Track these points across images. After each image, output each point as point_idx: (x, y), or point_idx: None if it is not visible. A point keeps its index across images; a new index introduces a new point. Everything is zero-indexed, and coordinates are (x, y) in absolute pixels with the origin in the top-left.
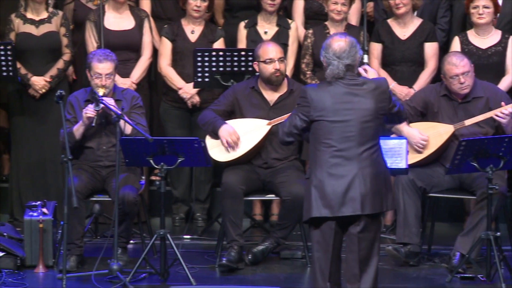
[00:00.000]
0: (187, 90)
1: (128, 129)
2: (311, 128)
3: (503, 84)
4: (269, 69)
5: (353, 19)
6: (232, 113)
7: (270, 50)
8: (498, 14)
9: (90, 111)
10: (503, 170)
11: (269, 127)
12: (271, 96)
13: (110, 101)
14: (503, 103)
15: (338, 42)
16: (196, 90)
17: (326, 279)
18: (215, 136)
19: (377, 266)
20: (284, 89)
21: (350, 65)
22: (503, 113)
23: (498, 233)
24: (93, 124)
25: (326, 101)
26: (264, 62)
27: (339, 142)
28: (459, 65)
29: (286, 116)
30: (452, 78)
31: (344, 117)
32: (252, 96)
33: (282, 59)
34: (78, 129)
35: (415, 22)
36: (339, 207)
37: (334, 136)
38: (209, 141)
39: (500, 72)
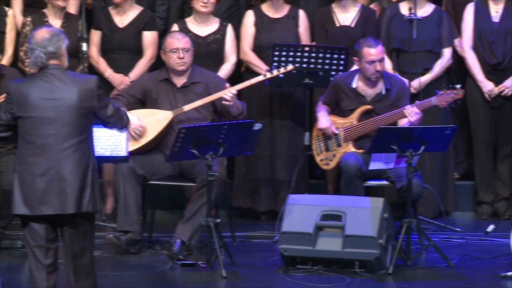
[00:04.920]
0: None
1: None
2: (18, 124)
3: (222, 72)
4: None
5: (72, 8)
6: None
7: None
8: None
9: None
10: (223, 157)
11: None
12: None
13: None
14: (227, 85)
15: (41, 33)
16: None
17: (43, 271)
18: None
19: (92, 258)
20: None
21: (53, 53)
22: (229, 96)
23: (218, 220)
24: None
25: (29, 97)
26: None
27: (41, 139)
28: (181, 40)
29: None
30: (172, 52)
31: (47, 114)
32: None
33: None
34: None
35: (135, 11)
36: (39, 205)
37: (36, 132)
38: None
39: (219, 60)
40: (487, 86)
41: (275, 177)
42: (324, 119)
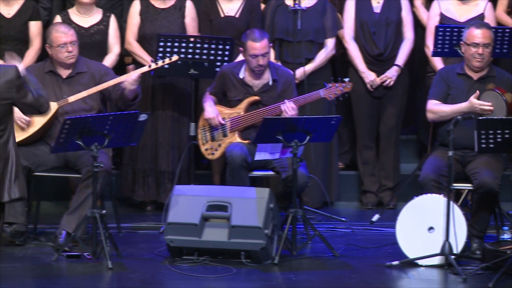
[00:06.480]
0: None
1: None
2: None
3: (106, 62)
4: None
5: None
6: None
7: None
8: None
9: None
10: (108, 148)
11: None
12: None
13: None
14: (131, 67)
15: None
16: None
17: None
18: None
19: None
20: None
21: None
22: (132, 79)
23: (104, 211)
24: None
25: None
26: None
27: None
28: (68, 34)
29: None
30: (60, 47)
31: None
32: None
33: None
34: None
35: (19, 1)
36: None
37: None
38: None
39: (103, 51)
40: (369, 76)
41: (160, 168)
42: (211, 109)
